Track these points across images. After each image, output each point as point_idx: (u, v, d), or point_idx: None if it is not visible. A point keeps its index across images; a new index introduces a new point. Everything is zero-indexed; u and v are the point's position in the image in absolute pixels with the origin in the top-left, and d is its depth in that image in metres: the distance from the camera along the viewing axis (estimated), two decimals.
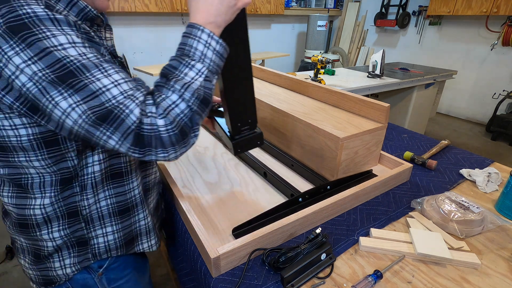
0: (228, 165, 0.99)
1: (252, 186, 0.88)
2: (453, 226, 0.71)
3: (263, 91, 1.24)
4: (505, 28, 3.68)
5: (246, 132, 0.75)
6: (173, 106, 0.50)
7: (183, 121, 0.51)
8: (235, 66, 0.65)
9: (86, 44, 0.49)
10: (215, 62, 0.54)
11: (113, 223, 0.65)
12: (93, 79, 0.46)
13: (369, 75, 2.75)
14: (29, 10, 0.44)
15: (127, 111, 0.47)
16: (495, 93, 4.05)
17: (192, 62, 0.52)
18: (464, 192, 0.90)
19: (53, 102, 0.45)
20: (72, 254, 0.64)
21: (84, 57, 0.47)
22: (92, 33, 0.53)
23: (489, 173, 0.95)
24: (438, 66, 3.99)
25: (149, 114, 0.49)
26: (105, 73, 0.48)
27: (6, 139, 0.51)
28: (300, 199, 0.76)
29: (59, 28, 0.46)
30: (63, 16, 0.47)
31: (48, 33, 0.44)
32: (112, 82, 0.48)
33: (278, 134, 1.05)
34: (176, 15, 4.25)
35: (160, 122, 0.49)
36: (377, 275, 0.58)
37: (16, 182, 0.56)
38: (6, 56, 0.43)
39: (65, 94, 0.45)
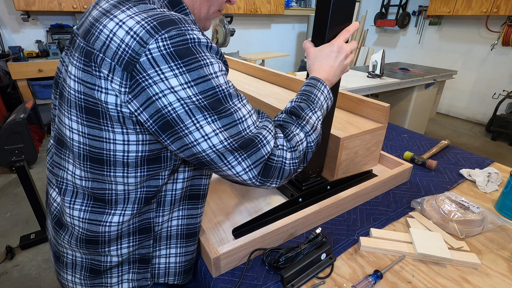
0: None
1: None
2: (453, 226, 0.71)
3: (263, 91, 1.24)
4: (505, 28, 3.68)
5: (313, 179, 0.82)
6: (300, 142, 0.57)
7: (301, 157, 0.57)
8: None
9: (226, 73, 0.52)
10: (325, 113, 0.64)
11: (178, 245, 0.63)
12: (236, 108, 0.49)
13: (369, 75, 2.75)
14: (194, 36, 0.46)
15: (265, 141, 0.51)
16: (495, 93, 4.05)
17: (316, 109, 0.61)
18: (464, 192, 0.90)
19: (197, 125, 0.46)
20: (132, 270, 0.61)
21: (228, 85, 0.49)
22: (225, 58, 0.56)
23: (489, 173, 0.95)
24: (438, 66, 4.00)
25: (280, 147, 0.54)
26: (242, 103, 0.51)
27: (111, 153, 0.50)
28: (300, 199, 0.76)
29: (213, 55, 0.49)
30: (215, 45, 0.50)
31: (207, 61, 0.47)
32: (248, 112, 0.51)
33: None
34: None
35: (288, 155, 0.54)
36: (377, 275, 0.58)
37: (98, 197, 0.54)
38: (162, 76, 0.43)
39: (209, 120, 0.47)
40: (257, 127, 0.52)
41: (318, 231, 0.62)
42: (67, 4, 3.24)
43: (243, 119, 0.50)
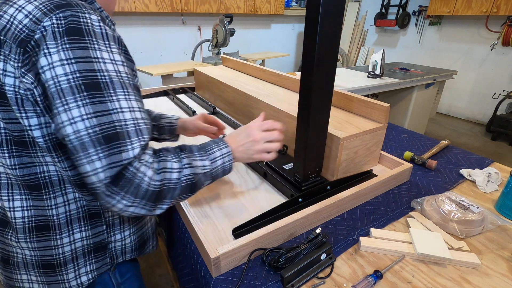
0: None
1: (252, 186, 0.88)
2: (453, 226, 0.71)
3: (263, 91, 1.24)
4: (505, 28, 3.68)
5: (312, 179, 0.82)
6: (169, 170, 0.53)
7: (166, 187, 0.52)
8: (320, 116, 0.73)
9: (125, 64, 0.52)
10: (217, 172, 0.62)
11: (131, 225, 0.66)
12: (115, 98, 0.48)
13: (369, 75, 2.75)
14: (88, 20, 0.48)
15: (129, 146, 0.48)
16: (495, 93, 4.05)
17: (205, 157, 0.60)
18: (464, 192, 0.90)
19: (66, 106, 0.45)
20: (88, 262, 0.62)
21: (117, 75, 0.49)
22: (127, 49, 0.56)
23: (489, 173, 0.95)
24: (438, 66, 3.99)
25: (143, 161, 0.50)
26: (128, 97, 0.50)
27: (30, 133, 0.51)
28: (300, 199, 0.76)
29: (106, 42, 0.50)
30: (111, 32, 0.51)
31: (96, 45, 0.48)
32: (130, 107, 0.50)
33: None
34: (176, 15, 4.25)
35: (150, 173, 0.50)
36: (377, 275, 0.58)
37: (32, 184, 0.54)
38: (47, 51, 0.45)
39: (80, 103, 0.46)
40: (135, 131, 0.49)
41: (318, 231, 0.62)
42: None
43: (119, 110, 0.48)
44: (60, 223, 0.57)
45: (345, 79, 2.63)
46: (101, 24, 0.50)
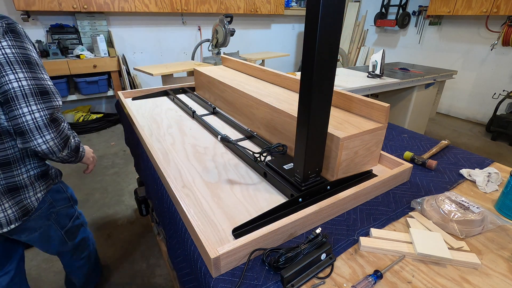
0: (228, 165, 0.99)
1: (252, 186, 0.88)
2: (453, 226, 0.71)
3: (263, 91, 1.24)
4: (505, 28, 3.68)
5: (312, 179, 0.83)
6: (72, 132, 1.00)
7: (71, 140, 0.97)
8: (320, 116, 0.74)
9: (35, 51, 0.89)
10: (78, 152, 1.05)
11: (49, 161, 1.02)
12: (40, 71, 0.87)
13: (369, 75, 2.75)
14: (16, 25, 0.85)
15: (55, 99, 0.88)
16: (495, 93, 4.05)
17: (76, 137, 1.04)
18: (464, 192, 0.90)
19: (13, 70, 0.80)
20: (41, 184, 1.01)
21: (38, 58, 0.88)
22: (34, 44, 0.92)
23: (489, 173, 0.95)
24: (438, 66, 4.00)
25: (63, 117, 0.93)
26: (45, 72, 0.89)
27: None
28: (300, 199, 0.76)
29: (28, 39, 0.88)
30: (25, 33, 0.89)
31: (25, 40, 0.86)
32: (49, 79, 0.90)
33: (278, 134, 1.05)
34: (176, 15, 4.25)
35: (66, 126, 0.94)
36: (377, 275, 0.58)
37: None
38: None
39: (24, 70, 0.82)
40: (55, 88, 0.89)
41: (318, 231, 0.62)
42: (67, 4, 3.24)
43: (44, 78, 0.87)
44: (18, 158, 0.91)
45: (345, 79, 2.63)
46: (23, 28, 0.86)
